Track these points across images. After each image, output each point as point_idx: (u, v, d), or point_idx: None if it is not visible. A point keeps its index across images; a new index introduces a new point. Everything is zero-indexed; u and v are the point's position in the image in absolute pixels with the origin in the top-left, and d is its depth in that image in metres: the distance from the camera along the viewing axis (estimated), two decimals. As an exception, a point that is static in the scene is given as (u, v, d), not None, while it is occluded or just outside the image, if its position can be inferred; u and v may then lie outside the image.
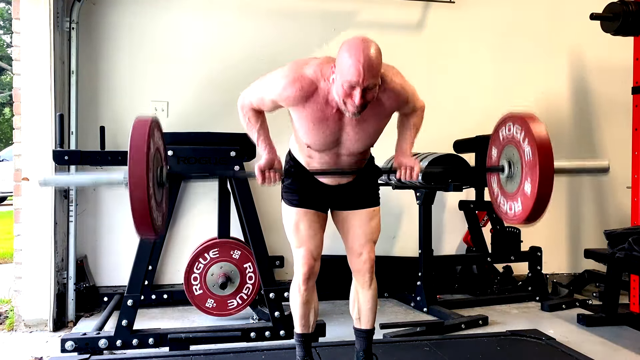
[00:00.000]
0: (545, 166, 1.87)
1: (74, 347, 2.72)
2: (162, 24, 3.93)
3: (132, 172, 1.66)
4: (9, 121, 16.32)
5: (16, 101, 3.32)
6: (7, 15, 17.81)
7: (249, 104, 2.01)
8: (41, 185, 1.87)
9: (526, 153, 1.95)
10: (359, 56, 1.74)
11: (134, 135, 1.73)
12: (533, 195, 1.89)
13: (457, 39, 4.34)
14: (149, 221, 1.69)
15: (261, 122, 2.04)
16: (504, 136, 2.10)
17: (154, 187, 1.76)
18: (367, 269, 2.18)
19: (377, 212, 2.20)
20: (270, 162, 2.00)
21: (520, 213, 2.00)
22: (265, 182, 1.99)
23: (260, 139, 2.02)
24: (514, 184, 2.04)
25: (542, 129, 1.92)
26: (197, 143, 3.01)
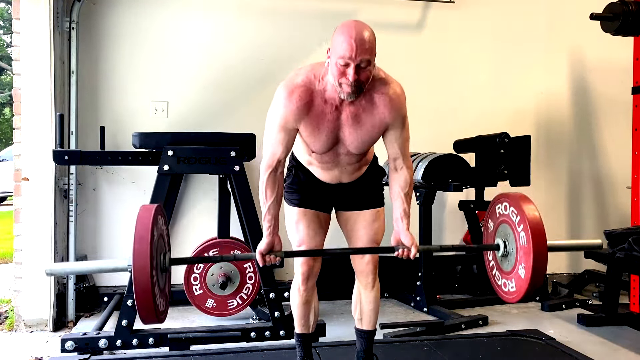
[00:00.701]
0: (539, 254, 1.92)
1: (74, 347, 2.72)
2: (163, 24, 3.93)
3: (136, 263, 1.72)
4: (9, 121, 16.32)
5: (16, 101, 3.32)
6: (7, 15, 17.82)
7: (271, 155, 1.98)
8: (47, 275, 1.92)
9: (520, 237, 2.00)
10: (351, 32, 1.77)
11: (138, 225, 1.77)
12: (527, 280, 1.96)
13: (457, 39, 4.34)
14: (152, 309, 1.75)
15: (275, 197, 2.01)
16: (499, 213, 2.16)
17: (157, 275, 1.82)
18: (370, 270, 2.18)
19: (381, 213, 2.19)
20: (270, 246, 1.99)
21: (515, 293, 2.07)
22: (265, 264, 2.00)
23: (267, 217, 2.01)
24: (508, 263, 2.10)
25: (535, 214, 1.97)
26: (197, 143, 3.01)
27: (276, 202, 2.02)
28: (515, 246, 2.03)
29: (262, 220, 2.04)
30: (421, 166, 3.47)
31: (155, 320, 1.81)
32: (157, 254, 1.83)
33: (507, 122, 4.23)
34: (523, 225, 1.97)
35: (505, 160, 3.69)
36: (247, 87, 4.00)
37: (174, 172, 2.96)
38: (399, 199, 2.06)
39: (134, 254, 1.72)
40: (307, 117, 1.92)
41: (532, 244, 1.91)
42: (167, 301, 1.95)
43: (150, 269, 1.72)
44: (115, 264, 1.91)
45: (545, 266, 1.95)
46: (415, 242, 2.01)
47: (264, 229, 2.02)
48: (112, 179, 3.84)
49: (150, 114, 3.87)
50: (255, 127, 3.21)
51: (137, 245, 1.74)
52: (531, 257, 1.91)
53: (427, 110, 4.16)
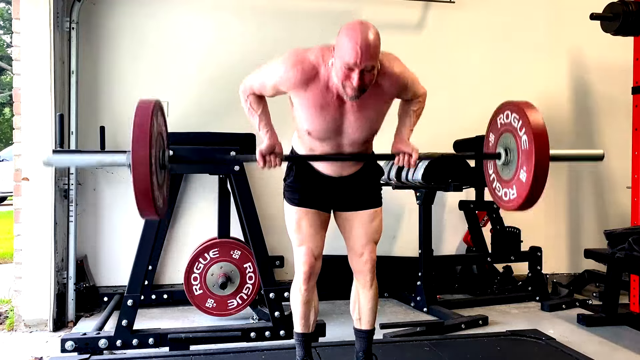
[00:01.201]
0: (541, 155, 1.90)
1: (74, 347, 2.72)
2: (163, 23, 3.93)
3: (135, 150, 1.68)
4: (9, 121, 16.32)
5: (16, 101, 3.32)
6: (7, 15, 17.80)
7: (250, 89, 2.04)
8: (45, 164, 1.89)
9: (522, 141, 1.97)
10: (357, 38, 1.76)
11: (137, 115, 1.74)
12: (528, 183, 1.93)
13: (457, 39, 4.34)
14: (150, 200, 1.70)
15: (263, 107, 2.07)
16: (501, 123, 2.13)
17: (156, 168, 1.78)
18: (369, 270, 2.18)
19: (379, 213, 2.20)
20: (271, 147, 2.02)
21: (515, 199, 2.04)
22: (266, 165, 2.01)
23: (261, 124, 2.05)
24: (510, 171, 2.07)
25: (539, 118, 1.95)
26: (197, 143, 3.01)
27: (265, 111, 2.06)
28: (517, 152, 2.00)
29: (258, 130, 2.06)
30: (421, 166, 3.47)
31: (152, 212, 1.75)
32: (156, 146, 1.80)
33: (507, 122, 4.23)
34: (525, 129, 1.94)
35: (505, 160, 3.68)
36: (247, 87, 4.00)
37: (174, 172, 2.96)
38: (407, 116, 2.09)
39: (133, 141, 1.68)
40: (303, 92, 1.93)
41: (534, 145, 1.89)
42: (164, 199, 1.90)
43: (149, 158, 1.68)
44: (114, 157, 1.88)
45: (547, 169, 1.91)
46: (416, 148, 2.02)
47: (262, 134, 2.04)
48: (112, 179, 3.84)
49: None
50: (255, 127, 3.20)
51: (135, 131, 1.69)
52: (533, 160, 1.89)
53: (427, 110, 4.05)
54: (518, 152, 2.00)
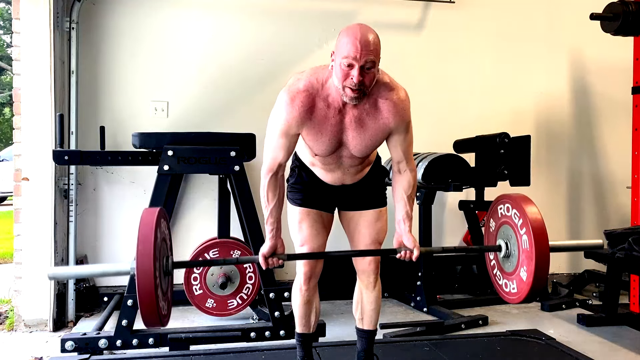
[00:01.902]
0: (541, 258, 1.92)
1: (74, 347, 2.72)
2: (163, 23, 3.93)
3: (140, 264, 1.71)
4: (9, 121, 16.31)
5: (16, 101, 3.32)
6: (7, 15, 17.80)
7: (271, 161, 2.00)
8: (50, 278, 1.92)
9: (523, 241, 1.99)
10: (356, 34, 1.77)
11: (141, 227, 1.77)
12: (529, 282, 1.96)
13: (457, 39, 4.34)
14: (155, 312, 1.74)
15: (277, 200, 2.03)
16: (501, 214, 2.15)
17: (160, 277, 1.81)
18: (372, 270, 2.18)
19: (383, 213, 2.20)
20: (273, 248, 2.01)
21: (516, 294, 2.07)
22: (268, 267, 2.01)
23: (269, 220, 2.03)
24: (510, 264, 2.10)
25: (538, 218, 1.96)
26: (197, 143, 3.01)
27: (278, 205, 2.03)
28: (517, 248, 2.03)
29: (265, 223, 2.04)
30: (421, 166, 3.47)
31: (157, 323, 1.80)
32: (161, 256, 1.83)
33: (507, 122, 4.23)
34: (525, 228, 1.97)
35: (505, 160, 3.69)
36: (247, 87, 4.00)
37: (174, 172, 2.96)
38: (401, 202, 2.06)
39: (138, 256, 1.72)
40: (309, 122, 1.92)
41: (534, 248, 1.91)
42: (169, 305, 1.95)
43: (154, 271, 1.72)
44: (117, 267, 1.91)
45: (547, 271, 1.95)
46: (417, 244, 2.02)
47: (267, 232, 2.02)
48: (112, 179, 3.84)
49: (150, 114, 3.87)
50: (255, 127, 3.21)
51: (141, 246, 1.73)
52: (533, 262, 1.92)
53: (427, 110, 4.15)
54: (518, 249, 2.03)
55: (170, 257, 1.94)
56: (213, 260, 3.06)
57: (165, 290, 1.88)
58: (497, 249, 2.14)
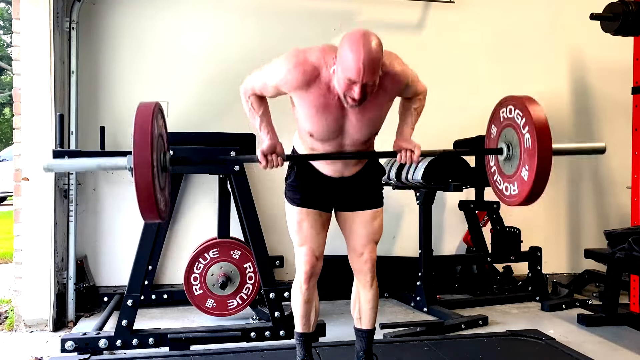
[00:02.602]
0: (544, 155, 1.90)
1: (74, 347, 2.72)
2: (162, 23, 3.93)
3: (137, 154, 1.68)
4: (9, 121, 16.32)
5: (16, 101, 3.32)
6: (7, 15, 17.80)
7: (251, 90, 2.03)
8: (45, 170, 1.89)
9: (525, 140, 1.97)
10: (360, 52, 1.75)
11: (137, 117, 1.75)
12: (530, 182, 1.93)
13: (457, 39, 4.34)
14: (153, 203, 1.70)
15: (264, 108, 2.06)
16: (504, 117, 2.11)
17: (158, 171, 1.78)
18: (369, 269, 2.18)
19: (379, 213, 2.20)
20: (273, 146, 2.03)
21: (516, 196, 2.04)
22: (267, 165, 2.02)
23: (262, 125, 2.05)
24: (511, 166, 2.06)
25: (542, 115, 1.94)
26: (197, 143, 3.01)
27: (266, 111, 2.06)
28: (519, 149, 2.00)
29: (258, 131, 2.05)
30: (421, 166, 3.47)
31: (155, 215, 1.76)
32: (158, 149, 1.80)
33: (507, 122, 4.23)
34: (528, 127, 1.93)
35: (505, 160, 3.68)
36: (247, 87, 4.00)
37: (174, 172, 2.95)
38: (408, 113, 2.10)
39: (135, 146, 1.68)
40: (304, 93, 1.92)
41: (537, 145, 1.88)
42: (166, 202, 1.90)
43: (151, 161, 1.68)
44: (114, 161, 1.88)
45: (549, 170, 1.92)
46: (418, 145, 2.02)
47: (263, 135, 2.04)
48: (112, 179, 3.84)
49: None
50: (255, 127, 3.20)
51: (137, 136, 1.69)
52: (535, 159, 1.89)
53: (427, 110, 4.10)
54: (520, 149, 2.00)
55: (167, 153, 1.91)
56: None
57: (162, 185, 1.84)
58: (499, 151, 2.11)
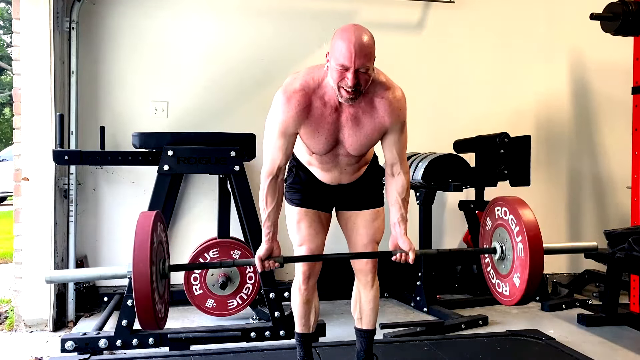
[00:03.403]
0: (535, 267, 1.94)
1: (74, 347, 2.72)
2: (163, 24, 3.93)
3: (136, 270, 1.73)
4: (9, 121, 16.32)
5: (16, 101, 3.32)
6: (7, 15, 17.80)
7: (271, 164, 2.00)
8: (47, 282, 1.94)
9: (518, 249, 2.00)
10: (351, 37, 1.77)
11: (137, 231, 1.79)
12: (521, 290, 1.99)
13: (457, 39, 4.34)
14: (152, 315, 1.76)
15: (275, 204, 2.03)
16: (499, 216, 2.14)
17: (157, 281, 1.83)
18: (370, 269, 2.18)
19: (380, 213, 2.20)
20: (269, 251, 2.01)
21: (508, 297, 2.09)
22: (264, 269, 2.01)
23: (267, 223, 2.03)
24: (504, 267, 2.11)
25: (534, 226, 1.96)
26: (197, 143, 3.01)
27: (276, 209, 2.04)
28: (512, 254, 2.04)
29: (262, 226, 2.04)
30: (421, 166, 3.47)
31: (154, 327, 1.82)
32: (157, 260, 1.84)
33: (507, 122, 4.24)
34: (521, 237, 1.97)
35: (505, 160, 3.69)
36: (247, 87, 4.00)
37: (174, 172, 2.96)
38: (396, 205, 2.07)
39: (134, 261, 1.73)
40: (306, 121, 1.93)
41: (529, 257, 1.92)
42: (166, 308, 1.96)
43: (150, 275, 1.73)
44: (114, 270, 1.92)
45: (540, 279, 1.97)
46: (413, 247, 2.02)
47: (263, 234, 2.03)
48: (112, 179, 3.84)
49: (150, 114, 3.87)
50: (255, 127, 3.21)
51: (137, 251, 1.75)
52: (527, 271, 1.94)
53: (427, 110, 4.16)
54: (513, 255, 2.04)
55: (167, 261, 1.94)
56: (209, 263, 3.05)
57: (162, 293, 1.89)
58: (492, 251, 2.15)
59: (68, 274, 2.28)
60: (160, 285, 1.88)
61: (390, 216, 2.08)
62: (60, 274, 2.23)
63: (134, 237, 1.77)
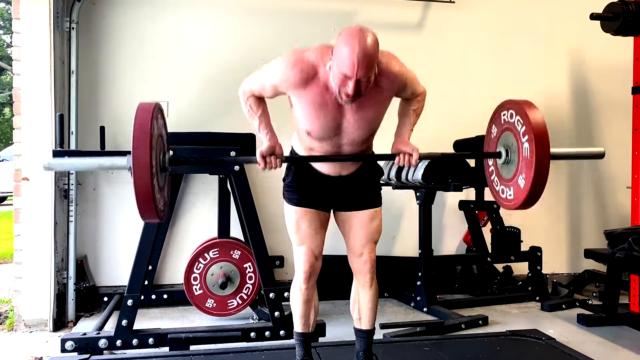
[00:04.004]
0: (541, 167, 1.91)
1: (74, 347, 2.72)
2: (162, 23, 3.93)
3: (136, 154, 1.68)
4: (9, 121, 16.31)
5: (16, 101, 3.32)
6: (7, 15, 17.79)
7: (249, 91, 2.04)
8: (45, 169, 1.89)
9: (524, 149, 1.98)
10: (355, 47, 1.76)
11: (137, 117, 1.76)
12: (526, 190, 1.96)
13: (457, 39, 4.34)
14: (152, 203, 1.71)
15: (262, 109, 2.07)
16: (504, 120, 2.13)
17: (157, 171, 1.79)
18: (368, 269, 2.18)
19: (378, 213, 2.20)
20: (272, 148, 2.03)
21: (512, 200, 2.07)
22: (266, 167, 2.02)
23: (261, 126, 2.06)
24: (509, 170, 2.08)
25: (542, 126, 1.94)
26: (197, 143, 3.01)
27: (265, 112, 2.07)
28: (518, 155, 2.01)
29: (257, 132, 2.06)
30: (421, 166, 3.46)
31: (154, 215, 1.76)
32: (157, 149, 1.80)
33: (507, 122, 4.23)
34: (528, 136, 1.95)
35: (505, 160, 3.68)
36: (247, 87, 4.00)
37: (174, 172, 2.96)
38: (406, 115, 2.10)
39: (134, 145, 1.68)
40: (302, 91, 1.93)
41: (535, 157, 1.90)
42: (166, 202, 1.91)
43: (150, 161, 1.68)
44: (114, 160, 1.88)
45: (545, 179, 1.94)
46: (417, 148, 2.03)
47: (262, 136, 2.04)
48: (112, 179, 3.84)
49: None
50: (255, 127, 3.21)
51: (136, 134, 1.70)
52: (532, 170, 1.91)
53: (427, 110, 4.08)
54: (519, 156, 2.01)
55: (167, 153, 1.91)
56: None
57: (162, 185, 1.84)
58: (497, 155, 2.13)
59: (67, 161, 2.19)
60: (160, 177, 1.83)
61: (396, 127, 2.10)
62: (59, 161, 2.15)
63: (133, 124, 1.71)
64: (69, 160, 2.21)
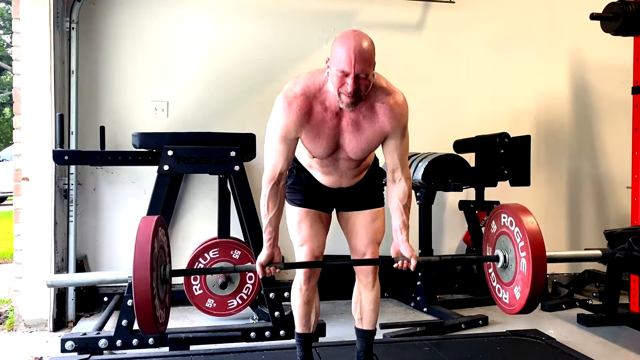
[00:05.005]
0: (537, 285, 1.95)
1: (74, 347, 2.72)
2: (162, 23, 3.93)
3: (137, 276, 1.73)
4: (9, 121, 16.32)
5: (16, 101, 3.32)
6: (7, 15, 17.79)
7: (272, 169, 2.00)
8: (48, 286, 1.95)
9: (521, 263, 2.00)
10: (350, 43, 1.78)
11: (138, 236, 1.78)
12: (521, 304, 2.01)
13: (457, 39, 4.34)
14: (152, 320, 1.76)
15: (276, 210, 2.02)
16: (504, 223, 2.14)
17: (157, 286, 1.83)
18: (370, 270, 2.18)
19: (381, 213, 2.20)
20: (270, 257, 2.01)
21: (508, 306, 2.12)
22: (265, 275, 2.02)
23: (268, 229, 2.03)
24: (506, 275, 2.11)
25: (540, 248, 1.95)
26: (197, 143, 3.01)
27: (277, 215, 2.04)
28: (515, 265, 2.04)
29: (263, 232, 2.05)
30: (421, 166, 3.47)
31: (154, 332, 1.82)
32: (158, 265, 1.84)
33: (507, 122, 4.23)
34: (526, 253, 1.96)
35: (505, 160, 3.69)
36: (247, 87, 4.00)
37: (174, 172, 2.96)
38: (397, 211, 2.07)
39: (135, 266, 1.73)
40: (307, 126, 1.93)
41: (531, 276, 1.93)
42: (167, 312, 1.96)
43: (150, 281, 1.73)
44: (115, 275, 1.92)
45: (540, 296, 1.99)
46: (415, 254, 2.03)
47: (265, 240, 2.03)
48: (112, 179, 3.84)
49: (150, 114, 3.88)
50: (255, 127, 3.21)
51: (137, 256, 1.75)
52: (528, 288, 1.95)
53: (427, 111, 4.16)
54: (516, 267, 2.04)
55: (167, 266, 1.94)
56: (209, 269, 3.04)
57: (162, 298, 1.89)
58: (495, 259, 2.15)
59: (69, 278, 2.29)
60: (161, 291, 1.88)
61: (392, 223, 2.09)
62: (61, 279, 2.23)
63: (134, 243, 1.77)
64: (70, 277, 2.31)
